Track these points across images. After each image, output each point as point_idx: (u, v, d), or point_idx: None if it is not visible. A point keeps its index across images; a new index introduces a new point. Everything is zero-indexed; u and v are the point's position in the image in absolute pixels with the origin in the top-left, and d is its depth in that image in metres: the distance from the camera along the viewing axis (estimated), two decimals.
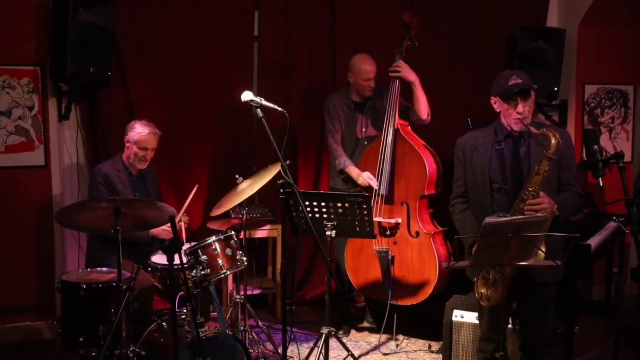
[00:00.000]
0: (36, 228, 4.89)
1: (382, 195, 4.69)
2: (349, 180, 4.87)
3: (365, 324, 5.22)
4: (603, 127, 6.00)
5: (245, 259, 4.05)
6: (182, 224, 4.35)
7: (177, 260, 3.32)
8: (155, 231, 4.32)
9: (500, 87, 3.42)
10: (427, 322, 4.81)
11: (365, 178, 4.72)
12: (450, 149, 3.72)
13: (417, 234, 4.66)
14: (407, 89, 4.79)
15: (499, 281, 3.32)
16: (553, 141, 3.29)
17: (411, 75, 4.72)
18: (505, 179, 3.47)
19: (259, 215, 4.94)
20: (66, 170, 4.97)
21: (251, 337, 4.41)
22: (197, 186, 4.37)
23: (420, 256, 4.65)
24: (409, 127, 4.86)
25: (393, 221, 4.71)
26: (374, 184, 4.69)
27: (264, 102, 3.60)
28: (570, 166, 3.50)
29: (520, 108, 3.37)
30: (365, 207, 4.02)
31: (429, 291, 4.63)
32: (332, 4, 5.44)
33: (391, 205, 4.73)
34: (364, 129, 4.92)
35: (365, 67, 4.82)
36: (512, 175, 3.46)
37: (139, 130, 4.40)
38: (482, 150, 3.53)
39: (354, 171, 4.80)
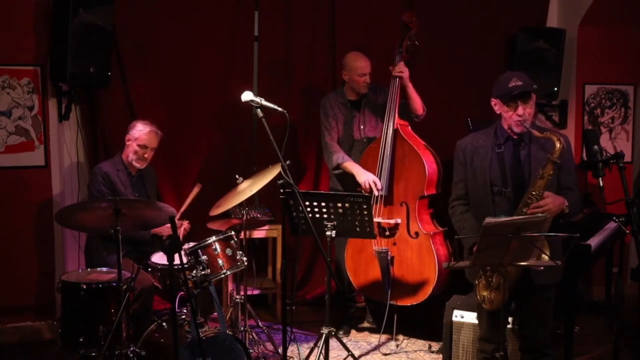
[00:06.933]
0: (36, 228, 4.89)
1: (382, 196, 4.68)
2: (344, 178, 4.81)
3: (365, 324, 5.22)
4: (603, 127, 6.00)
5: (245, 258, 4.05)
6: (182, 229, 4.36)
7: (177, 260, 3.32)
8: (157, 228, 4.32)
9: (501, 88, 3.41)
10: (427, 322, 4.81)
11: (370, 181, 4.62)
12: (450, 149, 3.72)
13: (417, 234, 4.66)
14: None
15: (502, 284, 3.31)
16: (557, 145, 3.28)
17: (408, 80, 4.75)
18: (506, 182, 3.46)
19: (259, 215, 4.93)
20: (66, 170, 4.97)
21: (251, 337, 4.41)
22: (199, 185, 4.34)
23: (420, 256, 4.65)
24: (409, 127, 4.85)
25: (392, 221, 4.70)
26: (378, 188, 4.61)
27: (264, 102, 3.61)
28: (570, 170, 3.50)
29: (520, 110, 3.37)
30: (365, 207, 4.02)
31: (428, 291, 4.63)
32: (332, 4, 5.44)
33: (390, 205, 4.73)
34: (362, 127, 4.91)
35: (359, 63, 4.82)
36: (513, 178, 3.46)
37: (140, 128, 4.41)
38: (482, 153, 3.52)
39: (354, 167, 4.72)
